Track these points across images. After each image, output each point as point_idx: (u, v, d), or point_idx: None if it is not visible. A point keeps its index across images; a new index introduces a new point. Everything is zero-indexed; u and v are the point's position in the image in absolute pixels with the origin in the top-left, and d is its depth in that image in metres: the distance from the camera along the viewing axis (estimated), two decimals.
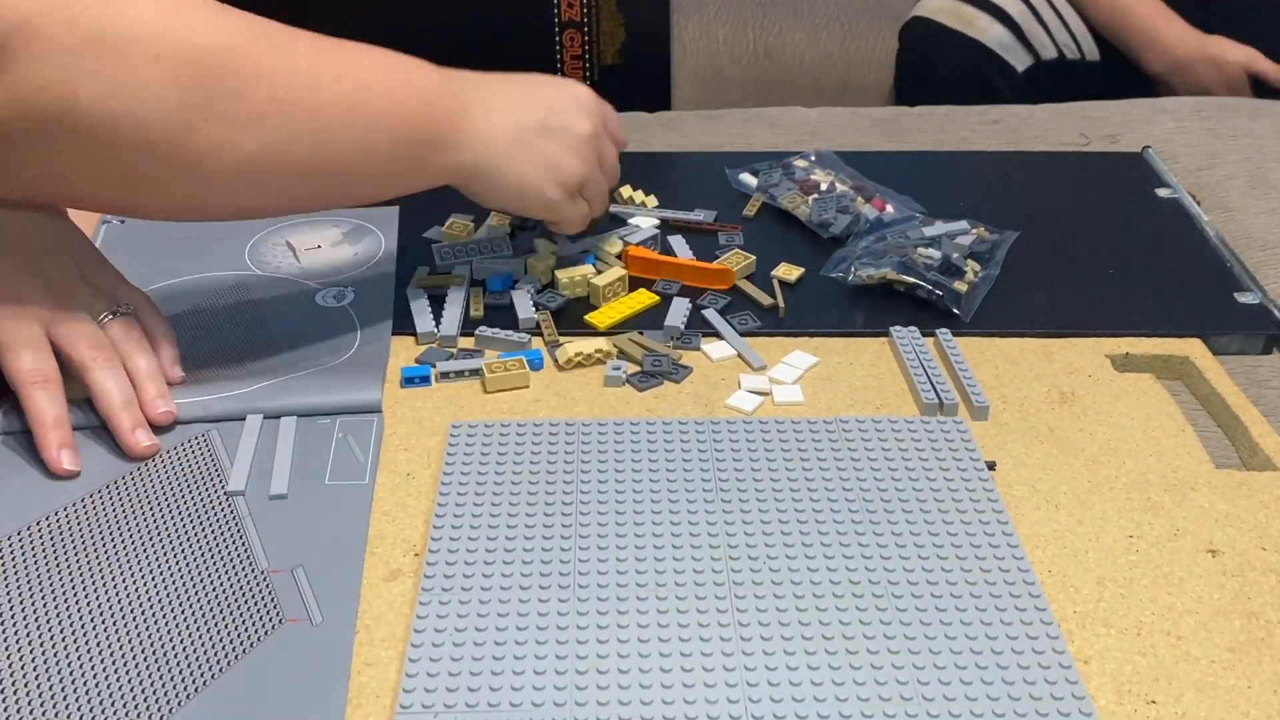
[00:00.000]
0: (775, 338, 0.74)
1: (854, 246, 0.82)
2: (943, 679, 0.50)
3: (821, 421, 0.65)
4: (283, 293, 0.77)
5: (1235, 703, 0.50)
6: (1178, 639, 0.53)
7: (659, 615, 0.53)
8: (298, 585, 0.55)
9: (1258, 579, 0.56)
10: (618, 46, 1.61)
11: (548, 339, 0.73)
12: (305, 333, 0.72)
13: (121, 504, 0.60)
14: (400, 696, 0.49)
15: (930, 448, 0.63)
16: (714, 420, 0.65)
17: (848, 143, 1.03)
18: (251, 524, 0.59)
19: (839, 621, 0.52)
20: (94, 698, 0.49)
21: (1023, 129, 1.05)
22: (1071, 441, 0.65)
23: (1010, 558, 0.56)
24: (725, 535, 0.57)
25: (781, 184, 0.90)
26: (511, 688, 0.49)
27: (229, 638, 0.52)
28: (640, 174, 0.93)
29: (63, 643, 0.52)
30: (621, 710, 0.48)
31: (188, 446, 0.64)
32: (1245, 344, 0.74)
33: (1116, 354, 0.72)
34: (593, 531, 0.57)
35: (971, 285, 0.77)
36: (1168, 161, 0.97)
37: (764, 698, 0.49)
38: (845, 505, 0.59)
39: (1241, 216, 0.90)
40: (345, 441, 0.64)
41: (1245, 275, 0.80)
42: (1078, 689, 0.49)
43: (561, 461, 0.62)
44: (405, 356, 0.72)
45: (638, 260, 0.80)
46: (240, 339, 0.72)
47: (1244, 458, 0.66)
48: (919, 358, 0.71)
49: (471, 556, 0.56)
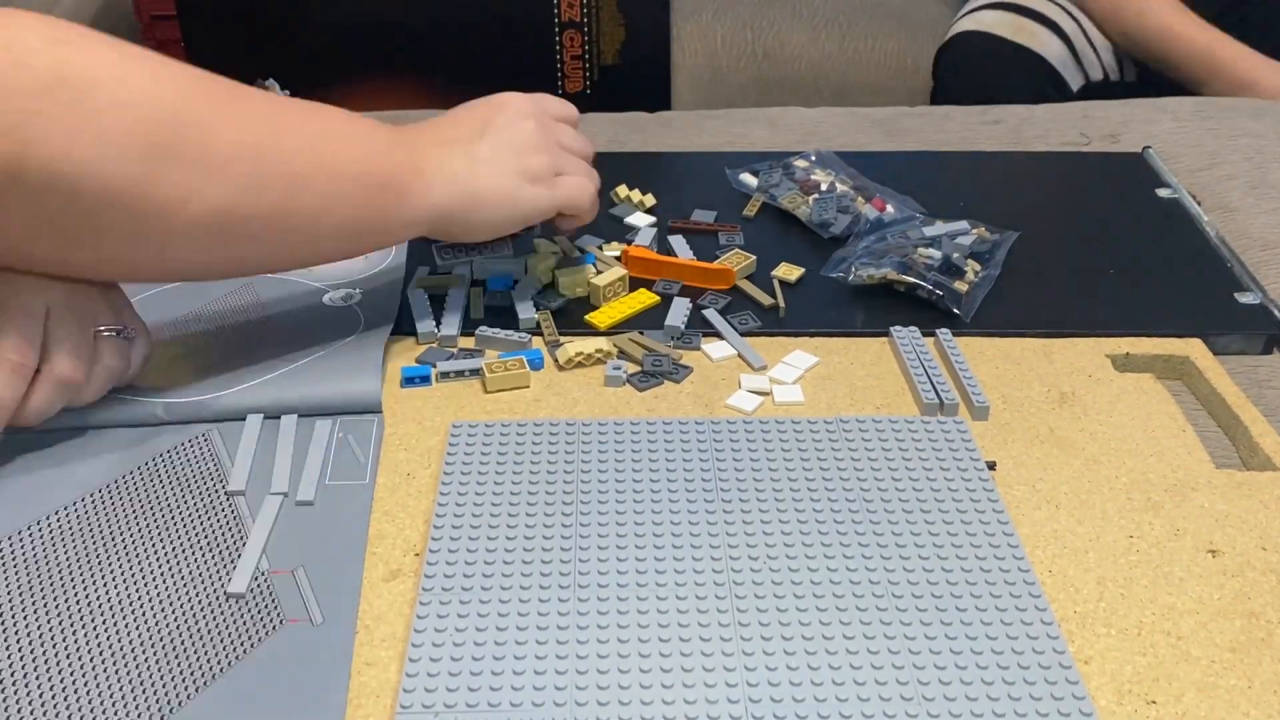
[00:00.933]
0: (776, 338, 0.74)
1: (854, 246, 0.82)
2: (943, 679, 0.50)
3: (822, 421, 0.65)
4: (290, 294, 0.77)
5: (1235, 703, 0.50)
6: (1178, 639, 0.53)
7: (659, 615, 0.53)
8: (298, 585, 0.55)
9: (1258, 579, 0.56)
10: (617, 46, 1.61)
11: (548, 339, 0.73)
12: (310, 333, 0.72)
13: (122, 503, 0.60)
14: (400, 696, 0.49)
15: (930, 447, 0.63)
16: (714, 420, 0.65)
17: (848, 143, 1.03)
18: (252, 524, 0.59)
19: (839, 621, 0.52)
20: (95, 697, 0.49)
21: (1023, 129, 1.05)
22: (1072, 441, 0.65)
23: (1010, 558, 0.56)
24: (725, 535, 0.57)
25: (782, 184, 0.90)
26: (512, 688, 0.49)
27: (229, 638, 0.52)
28: (640, 174, 0.93)
29: (63, 642, 0.52)
30: (622, 710, 0.48)
31: (188, 446, 0.64)
32: (1246, 344, 0.74)
33: (1117, 354, 0.72)
34: (593, 531, 0.57)
35: (972, 285, 0.77)
36: (1168, 161, 0.97)
37: (764, 697, 0.49)
38: (845, 505, 0.59)
39: (1242, 217, 0.90)
40: (346, 441, 0.64)
41: (1246, 275, 0.80)
42: (1078, 689, 0.49)
43: (562, 461, 0.62)
44: (406, 357, 0.72)
45: (638, 261, 0.80)
46: (245, 339, 0.72)
47: (1244, 458, 0.66)
48: (919, 358, 0.71)
49: (472, 556, 0.56)
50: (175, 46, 1.56)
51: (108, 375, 0.63)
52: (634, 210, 0.88)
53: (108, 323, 0.62)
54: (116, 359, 0.63)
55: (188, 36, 1.56)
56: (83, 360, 0.61)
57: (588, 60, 1.60)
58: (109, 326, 0.62)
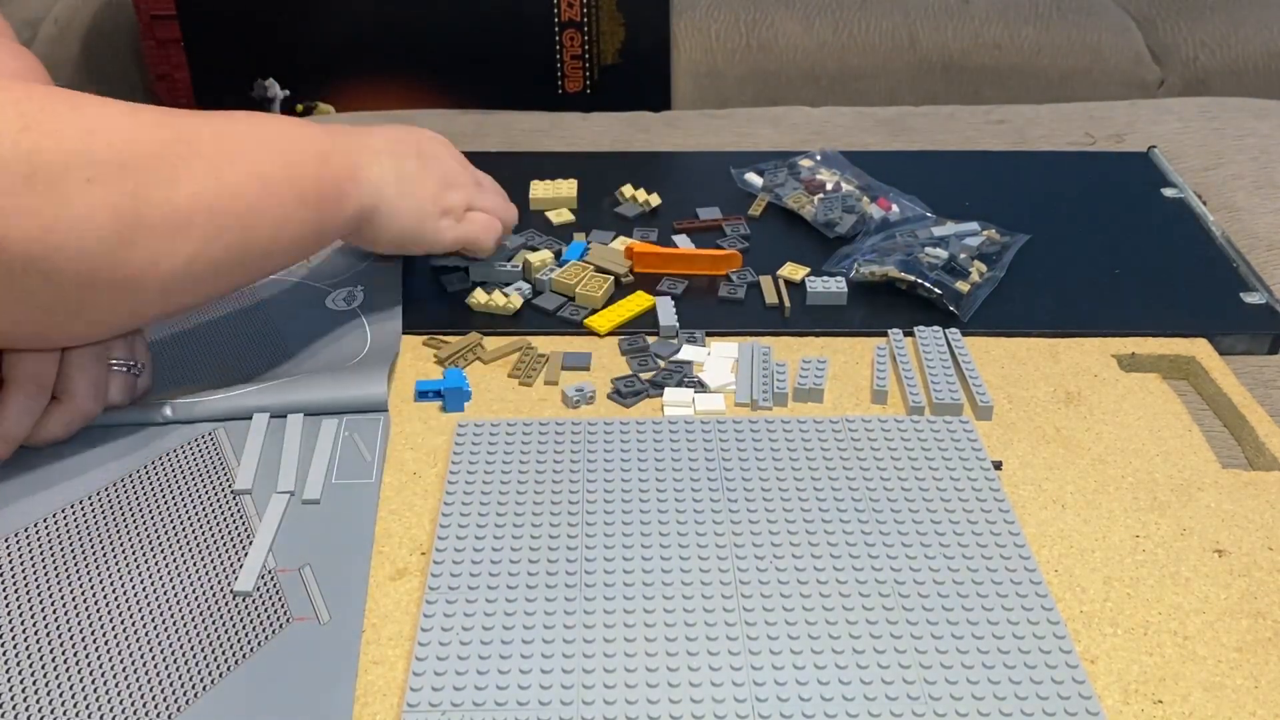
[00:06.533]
0: (780, 337, 0.74)
1: (860, 244, 0.81)
2: (949, 678, 0.50)
3: (827, 420, 0.65)
4: (293, 295, 0.77)
5: (1242, 702, 0.50)
6: (1184, 639, 0.53)
7: (665, 614, 0.53)
8: (305, 584, 0.55)
9: (1264, 579, 0.56)
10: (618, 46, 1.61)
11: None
12: (315, 334, 0.73)
13: (128, 502, 0.60)
14: (407, 695, 0.49)
15: (936, 447, 0.63)
16: (720, 419, 0.65)
17: (853, 142, 1.03)
18: (259, 522, 0.59)
19: (845, 621, 0.52)
20: (102, 696, 0.49)
21: (1028, 128, 1.05)
22: (1078, 441, 0.65)
23: (1016, 557, 0.56)
24: (731, 534, 0.57)
25: (787, 183, 0.90)
26: (518, 686, 0.49)
27: (237, 636, 0.52)
28: (644, 174, 0.93)
29: (70, 641, 0.52)
30: (628, 709, 0.48)
31: (195, 445, 0.64)
32: (1251, 344, 0.74)
33: (1122, 354, 0.72)
34: (599, 530, 0.57)
35: (974, 286, 0.77)
36: (1173, 161, 0.97)
37: (770, 696, 0.49)
38: (851, 504, 0.59)
39: (1247, 216, 0.90)
40: (352, 440, 0.64)
41: (1251, 275, 0.80)
42: (1084, 688, 0.49)
43: (568, 460, 0.62)
44: (413, 355, 0.72)
45: (643, 256, 0.79)
46: (249, 340, 0.72)
47: (1250, 458, 0.66)
48: (923, 357, 0.71)
49: (478, 555, 0.56)
50: (175, 46, 1.56)
51: (110, 405, 0.64)
52: (639, 210, 0.88)
53: (120, 355, 0.64)
54: (122, 393, 0.64)
55: (188, 36, 1.56)
56: (100, 392, 0.62)
57: (588, 60, 1.60)
58: (121, 361, 0.63)
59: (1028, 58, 1.63)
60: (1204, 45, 1.64)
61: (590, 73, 1.61)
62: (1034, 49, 1.64)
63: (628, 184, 0.90)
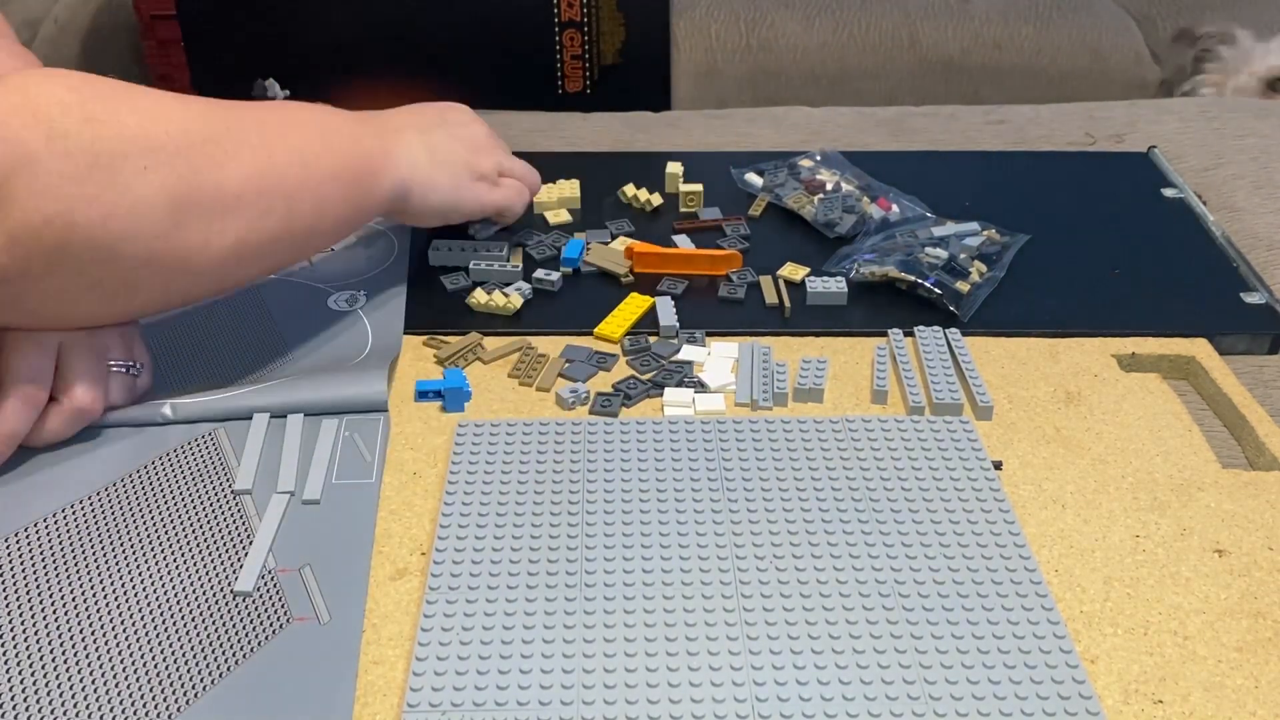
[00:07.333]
0: (780, 337, 0.74)
1: (860, 245, 0.81)
2: (949, 678, 0.50)
3: (828, 421, 0.65)
4: (295, 296, 0.77)
5: (1243, 702, 0.50)
6: (1185, 639, 0.53)
7: (665, 614, 0.53)
8: (305, 584, 0.55)
9: (1264, 579, 0.56)
10: (618, 46, 1.61)
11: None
12: (316, 335, 0.73)
13: (129, 502, 0.60)
14: (407, 695, 0.49)
15: (936, 447, 0.63)
16: (720, 419, 0.65)
17: (853, 142, 1.03)
18: (259, 522, 0.59)
19: (845, 621, 0.52)
20: (102, 696, 0.49)
21: (1028, 129, 1.05)
22: (1078, 441, 0.65)
23: (1017, 557, 0.56)
24: (731, 534, 0.57)
25: (787, 184, 0.90)
26: (518, 686, 0.49)
27: (237, 636, 0.52)
28: (645, 174, 0.93)
29: (70, 641, 0.52)
30: (628, 709, 0.48)
31: (195, 445, 0.64)
32: (1251, 344, 0.74)
33: (1122, 354, 0.72)
34: (599, 530, 0.57)
35: (974, 286, 0.77)
36: (1174, 161, 0.97)
37: (770, 696, 0.49)
38: (851, 504, 0.59)
39: (1248, 216, 0.90)
40: (352, 440, 0.64)
41: (1251, 275, 0.80)
42: (1085, 688, 0.49)
43: (568, 460, 0.62)
44: (413, 355, 0.72)
45: (643, 256, 0.79)
46: (251, 341, 0.72)
47: (1250, 458, 0.66)
48: (923, 357, 0.71)
49: (478, 555, 0.56)
50: (175, 46, 1.56)
51: (110, 405, 0.64)
52: (640, 209, 0.88)
53: (119, 355, 0.64)
54: (121, 393, 0.64)
55: (188, 36, 1.56)
56: (99, 391, 0.63)
57: (588, 60, 1.60)
58: (120, 362, 0.64)
59: (1028, 58, 1.63)
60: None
61: (590, 73, 1.61)
62: (1034, 49, 1.63)
63: (629, 184, 0.90)
